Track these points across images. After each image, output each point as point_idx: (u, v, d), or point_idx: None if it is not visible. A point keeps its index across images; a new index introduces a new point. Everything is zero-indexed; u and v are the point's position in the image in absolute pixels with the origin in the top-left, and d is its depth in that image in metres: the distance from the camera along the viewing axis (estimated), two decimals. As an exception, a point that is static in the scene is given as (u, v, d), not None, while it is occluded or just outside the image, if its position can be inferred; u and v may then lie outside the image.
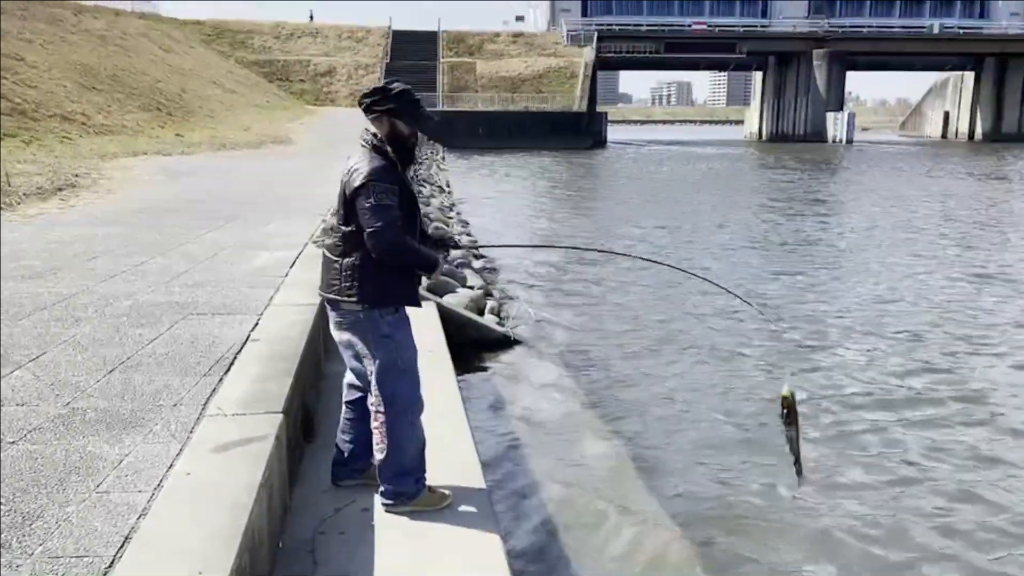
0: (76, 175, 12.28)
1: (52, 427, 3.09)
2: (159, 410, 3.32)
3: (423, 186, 20.15)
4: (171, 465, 2.81)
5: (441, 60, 61.17)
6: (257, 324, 4.79)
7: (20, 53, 25.52)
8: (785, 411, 3.08)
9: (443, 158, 38.12)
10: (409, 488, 3.25)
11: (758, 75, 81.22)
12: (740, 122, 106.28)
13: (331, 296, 3.18)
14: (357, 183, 3.02)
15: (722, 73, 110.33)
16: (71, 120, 21.04)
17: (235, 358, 4.12)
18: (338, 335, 3.28)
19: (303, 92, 56.17)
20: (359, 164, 3.07)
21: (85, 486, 2.62)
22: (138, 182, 12.91)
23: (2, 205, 8.81)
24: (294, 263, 6.79)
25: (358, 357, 3.25)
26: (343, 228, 3.12)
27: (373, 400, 3.21)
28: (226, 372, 3.87)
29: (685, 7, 76.33)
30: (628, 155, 51.55)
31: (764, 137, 76.90)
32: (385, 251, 3.03)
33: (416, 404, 3.27)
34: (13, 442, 2.94)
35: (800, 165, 39.87)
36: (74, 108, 22.50)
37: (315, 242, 8.13)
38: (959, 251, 14.33)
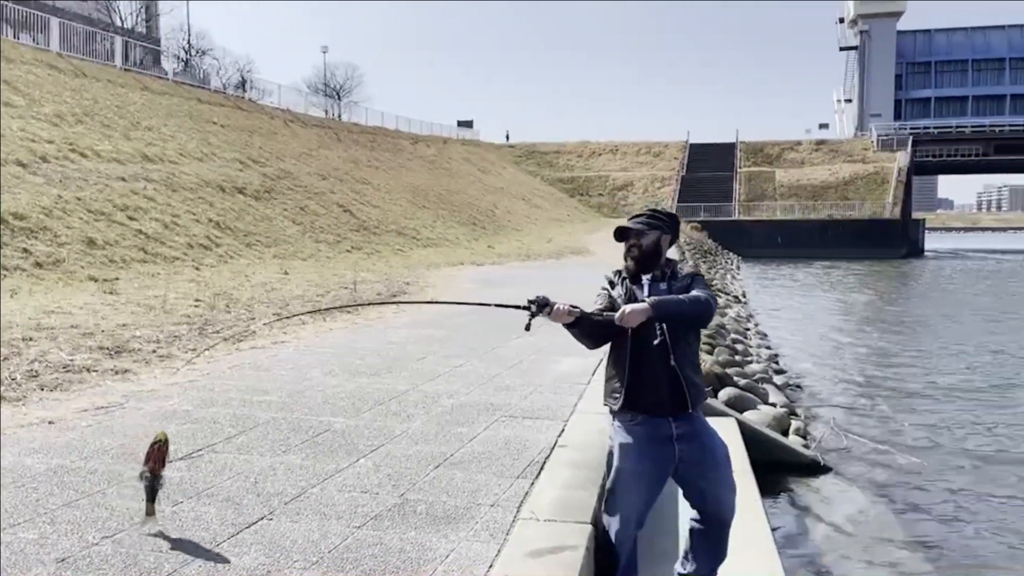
0: (407, 283, 13.85)
1: (390, 516, 3.40)
2: (479, 509, 3.51)
3: (719, 295, 19.84)
4: (491, 565, 2.94)
5: (738, 170, 60.91)
6: (563, 431, 4.94)
7: (368, 178, 29.84)
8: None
9: (738, 268, 37.36)
10: None
11: (1117, 175, 70.17)
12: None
13: None
14: None
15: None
16: (404, 234, 23.93)
17: (544, 463, 4.27)
18: None
19: (600, 205, 58.86)
20: None
21: (417, 576, 2.83)
22: (456, 289, 14.21)
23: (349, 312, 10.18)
24: (595, 371, 6.95)
25: None
26: None
27: None
28: (536, 477, 4.01)
29: (1019, 105, 69.04)
30: (951, 266, 46.59)
31: None
32: None
33: (615, 519, 3.26)
34: (359, 526, 3.28)
35: None
36: (407, 224, 25.62)
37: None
38: None
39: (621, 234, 3.31)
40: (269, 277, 13.62)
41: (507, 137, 70.34)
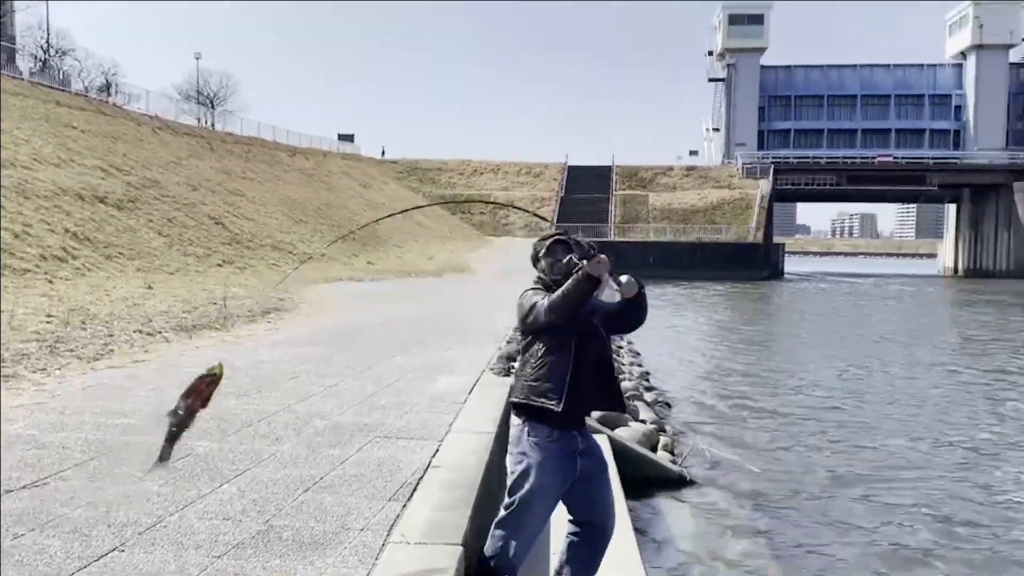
0: (281, 299, 13.46)
1: (253, 543, 3.27)
2: (347, 533, 3.43)
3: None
4: (358, 591, 2.88)
5: (614, 193, 62.84)
6: (438, 451, 4.91)
7: (242, 190, 28.86)
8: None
9: (615, 288, 38.37)
10: None
11: (951, 207, 76.85)
12: (932, 255, 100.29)
13: None
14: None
15: (910, 205, 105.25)
16: (280, 249, 23.25)
17: (417, 484, 4.22)
18: None
19: (482, 224, 59.28)
20: None
21: (280, 605, 2.73)
22: (334, 306, 13.93)
23: (219, 327, 9.79)
24: (472, 389, 6.96)
25: None
26: None
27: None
28: (409, 498, 3.96)
29: (869, 139, 74.72)
30: (807, 288, 49.67)
31: (960, 272, 71.81)
32: (546, 311, 3.27)
33: (519, 536, 3.35)
34: (219, 556, 3.13)
35: (1004, 306, 36.74)
36: (283, 238, 24.92)
37: (491, 369, 8.33)
38: None
39: (549, 249, 3.53)
40: (131, 292, 12.91)
41: (383, 153, 69.66)
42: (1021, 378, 15.22)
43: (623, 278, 3.30)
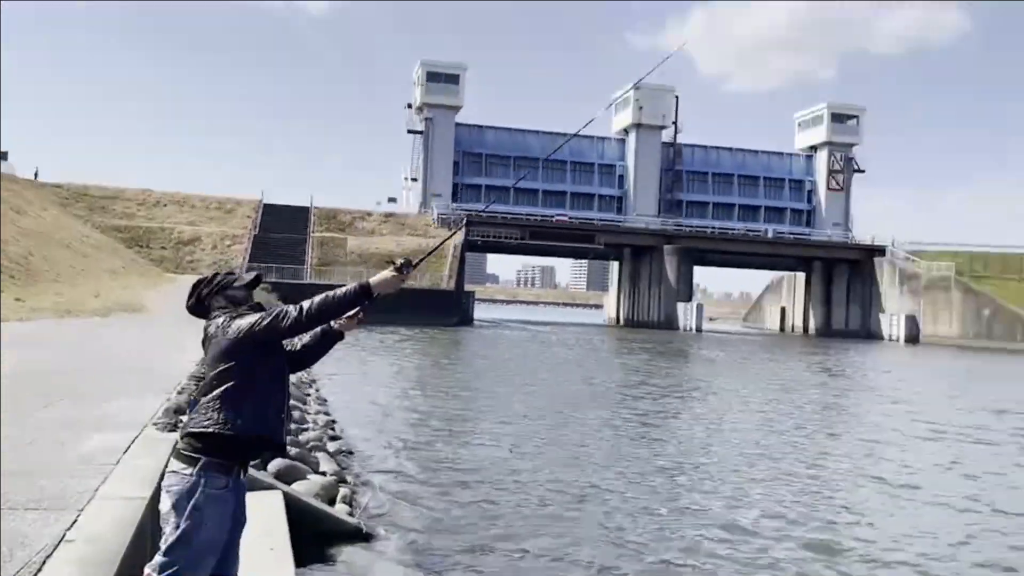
0: None
1: None
2: (-62, 635, 2.90)
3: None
4: None
5: (312, 234, 61.88)
6: (75, 521, 4.37)
7: None
8: None
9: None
10: None
11: (615, 264, 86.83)
12: (600, 306, 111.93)
13: None
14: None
15: (583, 260, 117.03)
16: None
17: (44, 563, 3.72)
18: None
19: (163, 259, 54.93)
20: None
21: None
22: (-37, 351, 11.89)
23: None
24: (128, 449, 6.33)
25: None
26: None
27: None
28: (29, 583, 3.46)
29: (549, 200, 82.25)
30: (492, 334, 52.66)
31: (622, 322, 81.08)
32: (300, 315, 3.34)
33: None
34: None
35: (654, 353, 41.97)
36: (-99, 266, 20.91)
37: (155, 424, 7.65)
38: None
39: (251, 283, 3.57)
40: None
41: (36, 175, 61.47)
42: (667, 420, 17.44)
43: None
